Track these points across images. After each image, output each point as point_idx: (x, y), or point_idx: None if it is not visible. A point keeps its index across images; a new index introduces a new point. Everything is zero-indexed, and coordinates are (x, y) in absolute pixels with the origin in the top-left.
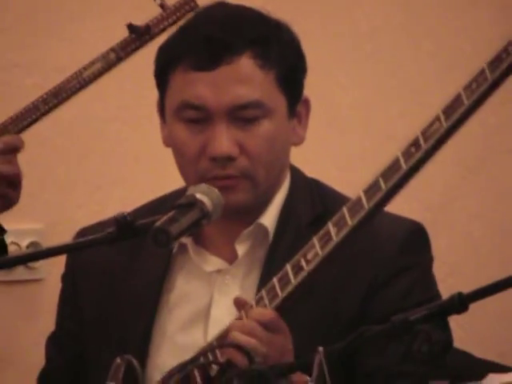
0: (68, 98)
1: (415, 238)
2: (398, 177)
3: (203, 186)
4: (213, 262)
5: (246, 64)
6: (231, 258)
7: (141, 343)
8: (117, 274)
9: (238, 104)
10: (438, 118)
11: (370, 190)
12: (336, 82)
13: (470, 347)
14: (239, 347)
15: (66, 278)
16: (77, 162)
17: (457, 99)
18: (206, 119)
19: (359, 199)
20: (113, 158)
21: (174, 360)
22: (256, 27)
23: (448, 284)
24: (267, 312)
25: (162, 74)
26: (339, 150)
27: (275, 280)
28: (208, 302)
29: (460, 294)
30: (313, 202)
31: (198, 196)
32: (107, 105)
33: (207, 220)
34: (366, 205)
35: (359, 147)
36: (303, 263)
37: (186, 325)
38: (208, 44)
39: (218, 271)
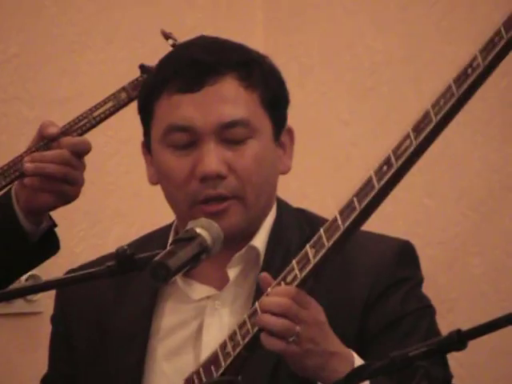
0: (78, 136)
1: (406, 253)
2: (371, 196)
3: (203, 220)
4: (201, 290)
5: (230, 84)
6: (220, 284)
7: (132, 376)
8: (105, 309)
9: (224, 122)
10: (408, 136)
11: (345, 210)
12: (337, 117)
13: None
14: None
15: (55, 319)
16: None
17: (425, 116)
18: (194, 142)
19: (335, 220)
20: (113, 191)
21: None
22: (238, 52)
23: (447, 321)
24: (292, 288)
25: (147, 105)
26: (339, 184)
27: (257, 304)
28: (198, 327)
29: (459, 332)
30: (301, 228)
31: (198, 230)
32: (108, 139)
33: (207, 254)
34: (342, 225)
35: (359, 182)
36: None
37: (176, 354)
38: (191, 66)
39: (208, 297)
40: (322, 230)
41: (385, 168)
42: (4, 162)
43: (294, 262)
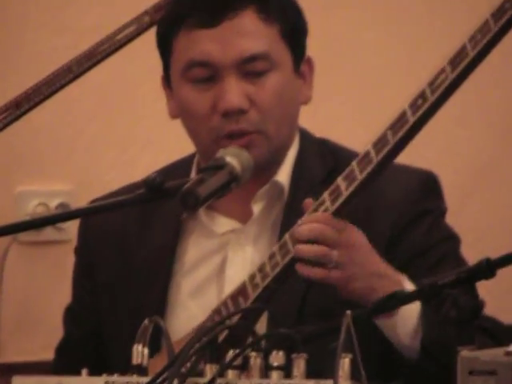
0: (101, 60)
1: (429, 185)
2: (405, 129)
3: (233, 148)
4: (225, 224)
5: (249, 18)
6: (243, 218)
7: (156, 310)
8: (129, 242)
9: (244, 56)
10: (443, 70)
11: (379, 143)
12: (367, 44)
13: (498, 314)
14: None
15: (79, 250)
16: (107, 123)
17: (462, 50)
18: (214, 77)
19: (368, 153)
20: (143, 119)
21: (189, 325)
22: None
23: (476, 249)
24: (324, 214)
25: (166, 39)
26: (369, 111)
27: (287, 236)
28: (221, 262)
29: (488, 260)
30: (324, 159)
31: (228, 159)
32: (137, 67)
33: (236, 183)
34: (375, 158)
35: (389, 109)
36: None
37: (200, 288)
38: (209, 1)
39: (232, 231)
40: (354, 163)
41: (420, 101)
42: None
43: (325, 194)
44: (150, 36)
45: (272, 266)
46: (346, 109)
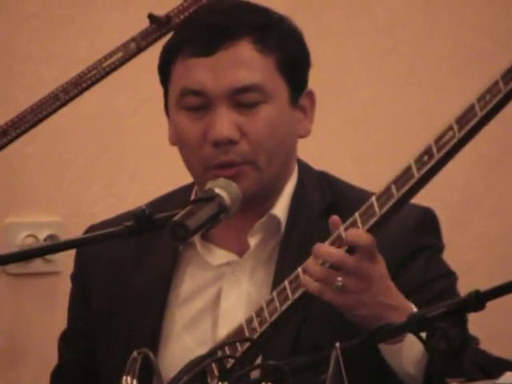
0: (88, 87)
1: (427, 221)
2: (410, 184)
3: (222, 180)
4: (221, 256)
5: (244, 49)
6: (239, 250)
7: (150, 340)
8: (125, 271)
9: (236, 87)
10: (451, 128)
11: (383, 196)
12: (355, 78)
13: (487, 345)
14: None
15: (75, 277)
16: (96, 155)
17: (470, 110)
18: (207, 106)
19: (371, 205)
20: (132, 151)
21: (183, 357)
22: (257, 16)
23: (465, 282)
24: (364, 235)
25: (165, 67)
26: (358, 145)
27: (286, 282)
28: (217, 294)
29: (477, 292)
30: (322, 192)
31: (217, 190)
32: (126, 98)
33: (225, 215)
34: (378, 211)
35: (378, 143)
36: None
37: (194, 320)
38: (207, 31)
39: (228, 264)
40: (357, 214)
41: (425, 158)
42: None
43: (326, 243)
44: (139, 68)
45: (270, 312)
46: (335, 142)
